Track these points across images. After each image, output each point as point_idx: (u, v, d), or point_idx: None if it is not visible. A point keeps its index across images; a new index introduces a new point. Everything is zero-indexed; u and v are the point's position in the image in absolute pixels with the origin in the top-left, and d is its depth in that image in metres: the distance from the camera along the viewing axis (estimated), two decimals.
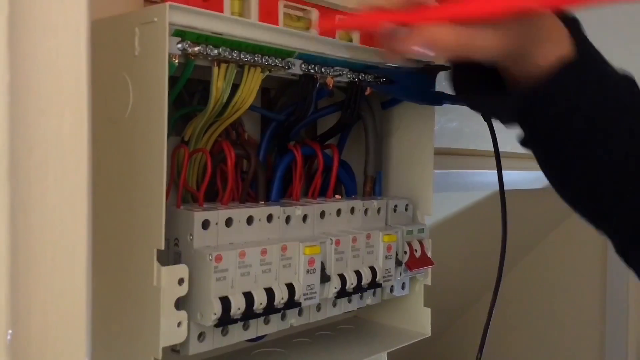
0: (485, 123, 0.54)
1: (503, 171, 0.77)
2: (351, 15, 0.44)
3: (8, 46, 0.21)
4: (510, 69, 0.43)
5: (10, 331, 0.22)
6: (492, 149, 0.55)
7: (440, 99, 0.53)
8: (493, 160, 0.56)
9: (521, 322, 1.50)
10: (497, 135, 0.54)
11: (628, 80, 0.42)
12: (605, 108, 0.42)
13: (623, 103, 0.41)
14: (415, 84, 0.51)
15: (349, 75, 0.48)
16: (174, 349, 0.38)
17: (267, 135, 0.48)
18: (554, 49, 0.41)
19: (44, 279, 0.24)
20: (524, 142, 0.46)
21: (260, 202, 0.44)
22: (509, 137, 0.79)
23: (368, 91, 0.50)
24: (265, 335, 0.45)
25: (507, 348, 1.53)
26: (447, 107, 0.54)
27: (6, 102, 0.21)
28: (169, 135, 0.36)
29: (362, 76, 0.48)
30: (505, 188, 0.87)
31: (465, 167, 0.68)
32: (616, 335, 1.41)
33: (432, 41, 0.38)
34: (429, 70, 0.52)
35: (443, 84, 0.55)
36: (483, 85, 0.45)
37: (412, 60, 0.50)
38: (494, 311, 0.52)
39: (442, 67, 0.52)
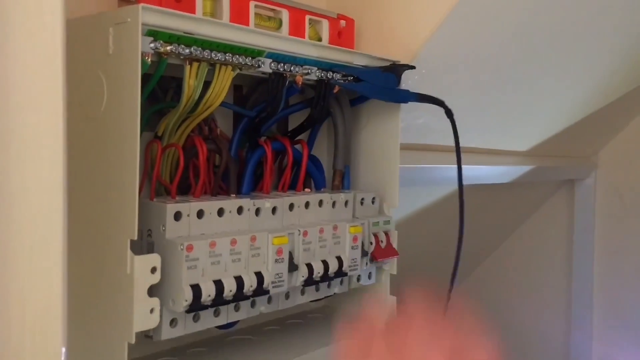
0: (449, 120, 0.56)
1: (471, 166, 0.80)
2: None
3: None
4: None
5: None
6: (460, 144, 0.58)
7: (405, 96, 0.55)
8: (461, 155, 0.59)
9: (489, 314, 1.54)
10: (464, 130, 0.57)
11: None
12: None
13: None
14: (381, 83, 0.53)
15: (317, 74, 0.50)
16: (147, 335, 0.40)
17: (238, 131, 0.49)
18: None
19: (21, 267, 0.25)
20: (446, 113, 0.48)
21: (232, 195, 0.46)
22: (476, 133, 0.82)
23: (336, 89, 0.52)
24: (236, 323, 0.47)
25: None
26: (414, 104, 0.57)
27: None
28: (142, 130, 0.37)
29: (330, 74, 0.50)
30: (473, 182, 0.90)
31: (432, 162, 0.71)
32: (582, 323, 1.45)
33: None
34: (394, 70, 0.54)
35: (409, 82, 0.58)
36: None
37: (378, 60, 0.53)
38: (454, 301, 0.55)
39: (407, 67, 0.54)
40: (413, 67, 0.55)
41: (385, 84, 0.54)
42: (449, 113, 0.56)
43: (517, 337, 1.56)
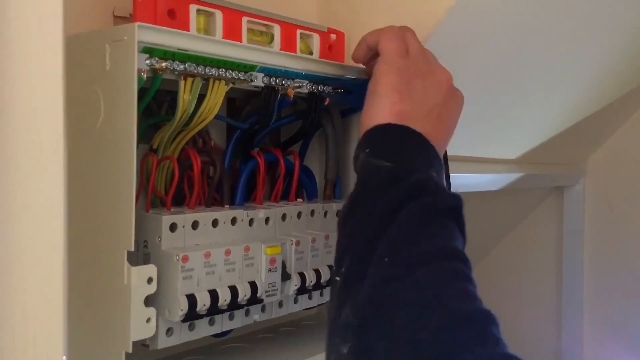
0: None
1: (461, 174, 0.81)
2: None
3: None
4: None
5: None
6: (449, 153, 0.59)
7: None
8: (449, 164, 0.60)
9: None
10: (453, 140, 0.58)
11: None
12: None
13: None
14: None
15: (308, 87, 0.51)
16: (143, 344, 0.41)
17: (232, 143, 0.50)
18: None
19: (24, 277, 0.26)
20: None
21: (225, 206, 0.47)
22: (465, 141, 0.83)
23: (327, 101, 0.53)
24: (231, 331, 0.48)
25: None
26: None
27: None
28: (138, 143, 0.38)
29: (321, 87, 0.51)
30: (463, 190, 0.91)
31: None
32: (572, 330, 1.47)
33: None
34: None
35: None
36: None
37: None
38: None
39: None
40: None
41: None
42: None
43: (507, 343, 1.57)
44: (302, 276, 0.48)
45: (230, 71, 0.44)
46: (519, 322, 1.55)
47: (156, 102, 0.47)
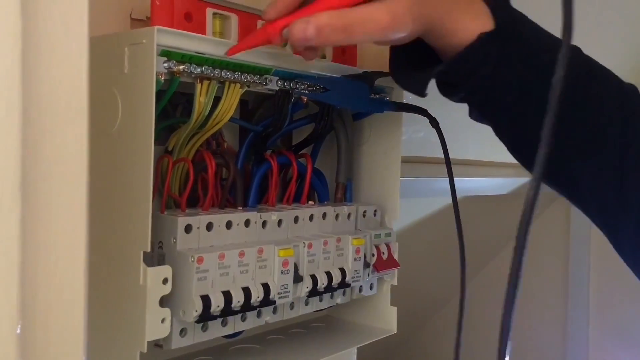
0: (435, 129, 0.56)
1: (469, 178, 0.82)
2: (248, 36, 0.43)
3: (21, 76, 0.25)
4: (439, 48, 0.44)
5: (19, 325, 0.25)
6: (454, 157, 0.59)
7: (380, 106, 0.55)
8: (456, 168, 0.60)
9: (487, 322, 1.55)
10: (462, 144, 0.59)
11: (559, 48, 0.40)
12: (532, 78, 0.43)
13: (548, 73, 0.38)
14: (351, 92, 0.52)
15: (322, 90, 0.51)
16: (157, 344, 0.41)
17: (245, 145, 0.51)
18: (473, 21, 0.42)
19: (47, 278, 0.27)
20: (469, 114, 0.48)
21: (239, 208, 0.48)
22: (474, 145, 0.83)
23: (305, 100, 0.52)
24: (242, 332, 0.48)
25: (472, 347, 1.58)
26: (415, 118, 0.58)
27: (19, 124, 0.24)
28: (153, 145, 0.39)
29: (292, 84, 0.49)
30: (472, 194, 0.92)
31: (432, 175, 0.72)
32: (578, 335, 1.47)
33: (305, 29, 0.38)
34: (365, 78, 0.53)
35: (411, 97, 0.59)
36: (423, 68, 0.46)
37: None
38: (449, 314, 0.56)
39: (380, 74, 0.54)
40: (388, 74, 0.53)
41: (355, 92, 0.52)
42: (434, 122, 0.56)
43: (513, 349, 1.57)
44: (313, 278, 0.48)
45: (246, 74, 0.45)
46: (525, 327, 1.55)
47: (171, 104, 0.47)
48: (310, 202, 0.54)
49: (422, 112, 0.57)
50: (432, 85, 0.49)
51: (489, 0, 0.44)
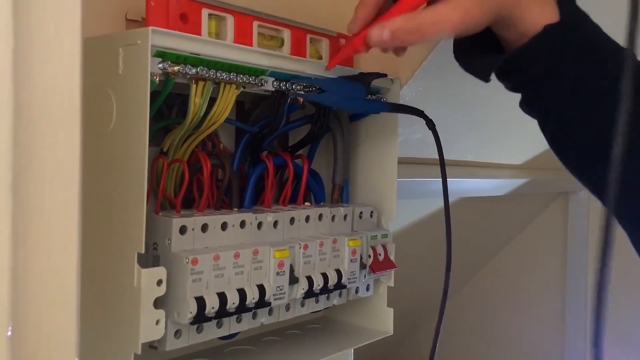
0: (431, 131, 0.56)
1: (466, 179, 0.82)
2: (339, 52, 0.49)
3: (13, 75, 0.24)
4: (504, 37, 0.46)
5: (10, 327, 0.25)
6: (453, 158, 0.59)
7: (376, 107, 0.55)
8: (455, 169, 0.60)
9: (483, 325, 1.55)
10: (459, 145, 0.58)
11: (620, 49, 0.43)
12: (588, 73, 0.44)
13: (607, 69, 0.42)
14: (347, 93, 0.52)
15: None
16: (152, 346, 0.41)
17: (241, 146, 0.51)
18: (540, 12, 0.44)
19: (39, 279, 0.27)
20: (520, 104, 0.49)
21: (234, 209, 0.48)
22: (471, 146, 0.83)
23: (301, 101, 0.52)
24: (237, 333, 0.48)
25: (469, 350, 1.58)
26: (411, 119, 0.58)
27: (11, 124, 0.24)
28: (148, 146, 0.39)
29: (288, 85, 0.48)
30: (468, 195, 0.92)
31: (428, 176, 0.72)
32: (576, 336, 1.47)
33: (381, 34, 0.42)
34: (361, 79, 0.53)
35: (407, 98, 0.59)
36: (485, 51, 0.48)
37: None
38: (448, 314, 0.56)
39: (376, 75, 0.54)
40: (384, 75, 0.54)
41: (351, 94, 0.52)
42: (430, 123, 0.56)
43: (511, 350, 1.57)
44: (309, 280, 0.48)
45: (241, 75, 0.45)
46: (522, 328, 1.55)
47: (166, 105, 0.47)
48: (306, 204, 0.54)
49: (419, 113, 0.56)
50: (427, 87, 0.49)
51: None
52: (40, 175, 0.26)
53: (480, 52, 0.48)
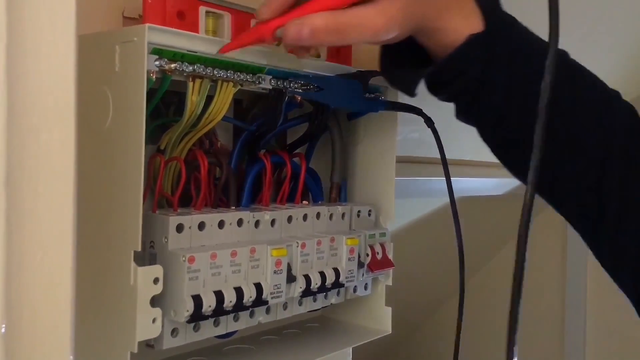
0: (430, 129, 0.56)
1: (465, 178, 0.81)
2: (241, 34, 0.42)
3: (6, 71, 0.24)
4: (430, 48, 0.45)
5: (3, 325, 0.25)
6: (452, 157, 0.59)
7: (374, 105, 0.55)
8: (453, 168, 0.60)
9: (484, 322, 1.55)
10: (457, 144, 0.58)
11: (546, 53, 0.39)
12: (518, 80, 0.43)
13: (537, 75, 0.38)
14: (345, 91, 0.52)
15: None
16: (148, 344, 0.41)
17: (238, 144, 0.51)
18: (463, 23, 0.43)
19: (33, 277, 0.27)
20: (456, 114, 0.49)
21: (232, 208, 0.47)
22: (470, 145, 0.83)
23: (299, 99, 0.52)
24: (235, 332, 0.48)
25: (470, 347, 1.58)
26: (410, 118, 0.58)
27: (4, 120, 0.24)
28: (145, 144, 0.38)
29: (286, 83, 0.48)
30: (468, 194, 0.92)
31: (427, 175, 0.72)
32: (575, 332, 1.46)
33: (300, 30, 0.38)
34: (359, 77, 0.52)
35: (406, 97, 0.59)
36: (414, 65, 0.47)
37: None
38: (447, 315, 0.56)
39: (374, 73, 0.53)
40: (381, 74, 0.52)
41: (348, 92, 0.52)
42: (429, 121, 0.56)
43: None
44: (307, 278, 0.48)
45: (239, 73, 0.44)
46: (522, 326, 1.54)
47: (163, 103, 0.47)
48: (304, 202, 0.54)
49: (417, 111, 0.56)
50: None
51: (480, 1, 0.44)
52: (34, 171, 0.26)
53: (408, 65, 0.47)
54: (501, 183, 0.98)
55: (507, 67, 0.44)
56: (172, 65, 0.40)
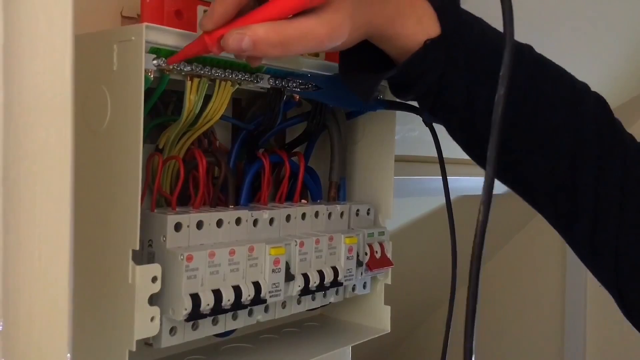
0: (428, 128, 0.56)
1: (463, 177, 0.81)
2: (189, 44, 0.40)
3: (3, 70, 0.24)
4: (386, 50, 0.44)
5: (1, 322, 0.25)
6: (450, 156, 0.59)
7: (372, 104, 0.54)
8: (452, 167, 0.60)
9: (484, 322, 1.55)
10: (455, 143, 0.58)
11: (509, 47, 0.38)
12: (478, 82, 0.43)
13: (494, 78, 0.38)
14: (344, 90, 0.50)
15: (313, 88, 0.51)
16: (147, 343, 0.41)
17: (237, 143, 0.51)
18: (417, 28, 0.42)
19: (30, 275, 0.27)
20: (421, 115, 0.49)
21: (230, 206, 0.47)
22: None
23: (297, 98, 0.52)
24: (233, 331, 0.48)
25: (462, 345, 1.58)
26: (408, 117, 0.58)
27: (1, 118, 0.24)
28: (144, 143, 0.38)
29: (284, 82, 0.48)
30: (467, 194, 0.91)
31: (425, 174, 0.72)
32: (575, 331, 1.46)
33: (240, 40, 0.36)
34: None
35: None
36: (375, 66, 0.46)
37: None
38: (443, 315, 0.56)
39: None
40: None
41: (346, 91, 0.49)
42: (427, 121, 0.55)
43: (509, 349, 1.57)
44: (305, 277, 0.48)
45: (237, 72, 0.45)
46: (524, 319, 1.54)
47: (162, 102, 0.47)
48: (303, 201, 0.54)
49: (416, 110, 0.56)
50: None
51: (435, 2, 0.44)
52: (31, 170, 0.26)
53: (368, 67, 0.46)
54: (500, 182, 0.98)
55: (465, 70, 0.44)
56: (170, 65, 0.40)
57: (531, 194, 0.49)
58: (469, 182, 0.88)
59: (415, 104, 0.55)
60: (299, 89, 0.50)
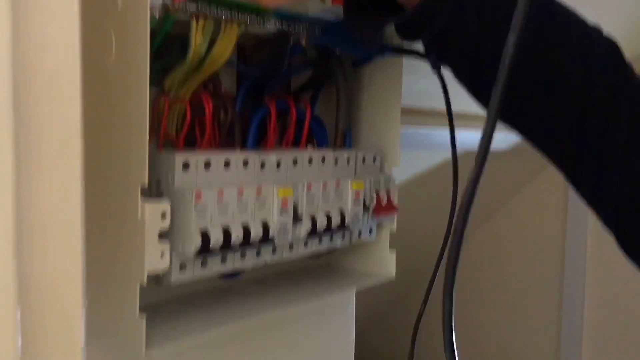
0: (450, 83, 0.56)
1: (469, 131, 0.81)
2: None
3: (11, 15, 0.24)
4: None
5: (15, 261, 0.26)
6: (457, 109, 0.58)
7: (380, 49, 0.54)
8: (459, 120, 0.60)
9: (480, 285, 1.57)
10: (462, 96, 0.57)
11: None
12: (484, 29, 0.44)
13: (503, 25, 0.37)
14: (350, 36, 0.50)
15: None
16: (157, 280, 0.42)
17: (243, 88, 0.51)
18: None
19: (41, 215, 0.27)
20: (426, 55, 0.49)
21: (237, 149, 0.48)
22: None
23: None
24: (241, 274, 0.49)
25: (465, 312, 1.60)
26: (414, 68, 0.58)
27: (10, 55, 0.24)
28: (150, 84, 0.39)
29: (291, 26, 0.48)
30: (470, 149, 0.91)
31: (432, 126, 0.72)
32: (573, 294, 1.48)
33: None
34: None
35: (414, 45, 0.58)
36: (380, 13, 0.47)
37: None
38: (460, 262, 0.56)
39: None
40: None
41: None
42: (435, 66, 0.55)
43: (505, 347, 1.58)
44: (312, 219, 0.48)
45: (243, 13, 0.44)
46: (522, 282, 1.55)
47: (167, 47, 0.47)
48: (309, 147, 0.54)
49: (423, 56, 0.56)
50: None
51: None
52: (38, 102, 0.26)
53: (373, 13, 0.46)
54: (508, 137, 0.98)
55: (476, 17, 0.44)
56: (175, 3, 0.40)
57: (539, 136, 0.49)
58: (475, 136, 0.88)
59: (419, 50, 0.55)
60: (305, 34, 0.49)
